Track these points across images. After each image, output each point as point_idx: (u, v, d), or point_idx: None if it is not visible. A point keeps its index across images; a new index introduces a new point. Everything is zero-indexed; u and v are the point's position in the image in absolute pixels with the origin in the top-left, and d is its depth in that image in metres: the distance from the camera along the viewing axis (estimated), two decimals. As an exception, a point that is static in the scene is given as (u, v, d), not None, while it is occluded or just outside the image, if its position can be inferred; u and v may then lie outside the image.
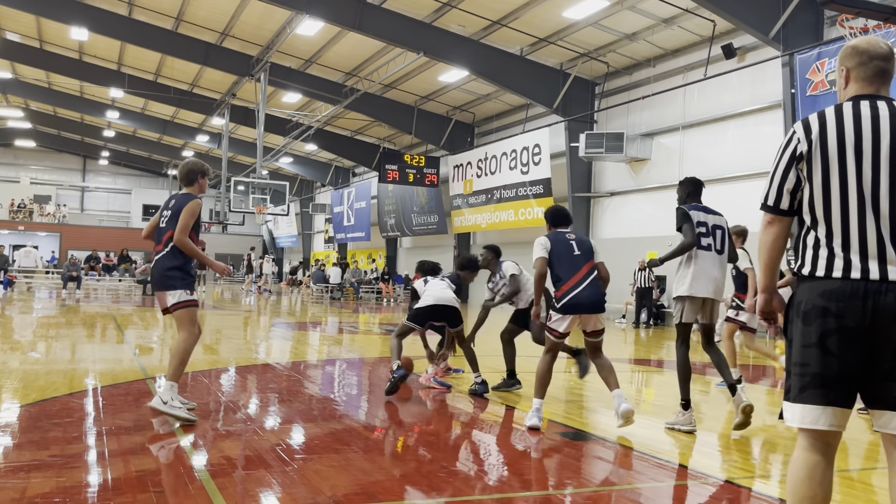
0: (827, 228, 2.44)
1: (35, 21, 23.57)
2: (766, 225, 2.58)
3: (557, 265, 5.42)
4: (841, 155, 2.43)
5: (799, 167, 2.49)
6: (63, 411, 5.39)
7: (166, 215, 5.34)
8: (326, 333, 13.40)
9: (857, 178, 2.41)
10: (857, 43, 2.59)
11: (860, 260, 2.38)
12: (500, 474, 4.23)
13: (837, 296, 2.38)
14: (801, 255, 2.53)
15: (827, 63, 13.35)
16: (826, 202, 2.44)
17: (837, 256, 2.41)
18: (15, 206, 44.16)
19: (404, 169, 24.47)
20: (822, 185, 2.44)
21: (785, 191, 2.52)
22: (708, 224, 5.49)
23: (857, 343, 2.35)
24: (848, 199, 2.40)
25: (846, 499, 3.93)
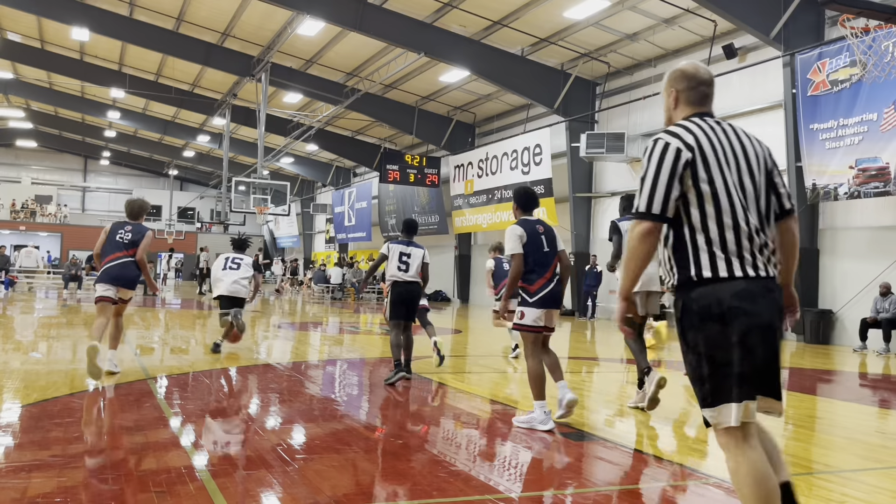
0: (719, 231, 2.58)
1: (36, 21, 23.60)
2: (645, 234, 2.62)
3: (531, 260, 5.49)
4: (718, 163, 2.62)
5: (684, 175, 2.59)
6: (64, 411, 5.40)
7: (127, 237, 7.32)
8: (327, 333, 13.40)
9: (735, 184, 2.62)
10: (684, 67, 2.89)
11: (752, 258, 2.57)
12: (500, 474, 4.23)
13: (747, 295, 2.53)
14: (692, 260, 2.61)
15: (828, 63, 13.34)
16: (716, 206, 2.59)
17: (735, 256, 2.56)
18: (16, 207, 44.20)
19: (405, 169, 24.47)
20: (710, 191, 2.59)
21: (672, 199, 2.59)
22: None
23: (768, 337, 2.56)
24: (733, 202, 2.59)
25: (846, 499, 3.93)
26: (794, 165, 14.18)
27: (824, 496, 3.96)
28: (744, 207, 2.61)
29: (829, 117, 13.30)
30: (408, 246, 7.54)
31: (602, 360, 10.78)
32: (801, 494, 4.01)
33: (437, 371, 8.50)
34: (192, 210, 47.59)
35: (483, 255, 26.43)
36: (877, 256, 13.50)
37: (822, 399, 7.88)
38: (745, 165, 2.67)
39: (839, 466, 4.70)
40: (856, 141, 12.87)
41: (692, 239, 2.60)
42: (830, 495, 3.98)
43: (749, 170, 2.67)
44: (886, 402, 7.78)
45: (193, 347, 10.17)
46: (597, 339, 14.30)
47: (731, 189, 2.60)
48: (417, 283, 7.48)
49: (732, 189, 2.60)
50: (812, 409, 7.04)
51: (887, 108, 12.37)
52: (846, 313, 13.99)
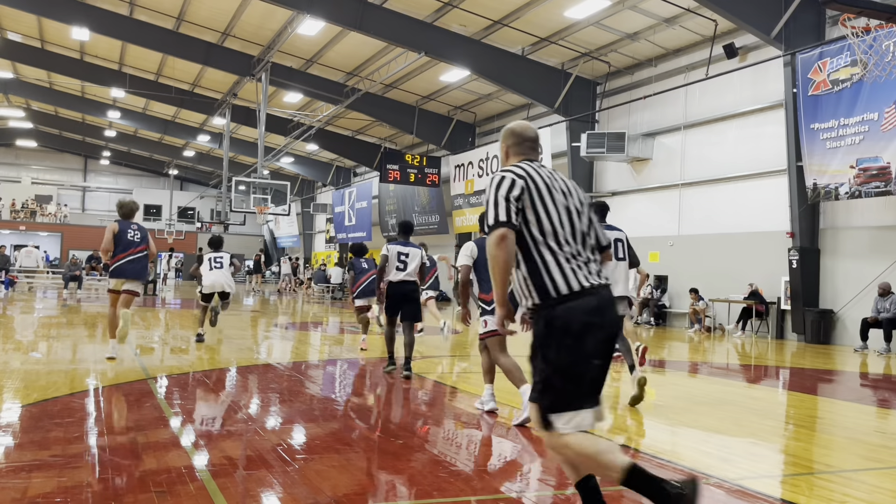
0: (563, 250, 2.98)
1: (36, 21, 23.59)
2: (500, 240, 2.93)
3: (483, 271, 5.91)
4: (549, 191, 3.05)
5: (520, 201, 2.99)
6: (64, 411, 5.39)
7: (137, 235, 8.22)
8: (327, 333, 13.39)
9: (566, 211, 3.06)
10: (513, 127, 3.36)
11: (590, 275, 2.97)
12: (501, 474, 4.23)
13: (595, 309, 2.89)
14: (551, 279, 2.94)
15: (829, 63, 13.33)
16: (552, 226, 3.00)
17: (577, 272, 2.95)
18: (16, 206, 44.21)
19: (405, 169, 24.46)
20: (547, 214, 3.02)
21: (514, 211, 2.96)
22: (610, 239, 6.48)
23: (610, 346, 2.91)
24: (564, 228, 3.01)
25: (847, 499, 3.92)
26: (795, 165, 14.17)
27: (825, 496, 3.96)
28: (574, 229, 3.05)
29: (830, 117, 13.29)
30: (405, 246, 7.83)
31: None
32: (801, 494, 4.01)
33: (438, 371, 8.50)
34: (192, 210, 47.59)
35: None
36: (878, 256, 13.50)
37: (824, 399, 7.88)
38: (570, 197, 3.12)
39: (840, 466, 4.70)
40: (857, 140, 12.86)
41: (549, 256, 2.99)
42: (832, 495, 3.97)
43: (574, 201, 3.12)
44: (887, 402, 7.77)
45: (193, 347, 10.17)
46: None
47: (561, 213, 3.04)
48: (414, 282, 7.70)
49: (564, 214, 3.04)
50: (813, 409, 7.04)
51: (888, 107, 12.36)
52: (847, 313, 13.98)
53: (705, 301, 16.60)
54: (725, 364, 10.82)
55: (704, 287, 16.73)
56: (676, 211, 18.09)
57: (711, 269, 16.82)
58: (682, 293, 17.36)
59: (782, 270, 14.95)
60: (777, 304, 15.27)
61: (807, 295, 14.38)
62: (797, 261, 14.37)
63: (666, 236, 18.39)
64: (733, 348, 13.17)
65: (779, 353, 12.55)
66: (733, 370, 10.19)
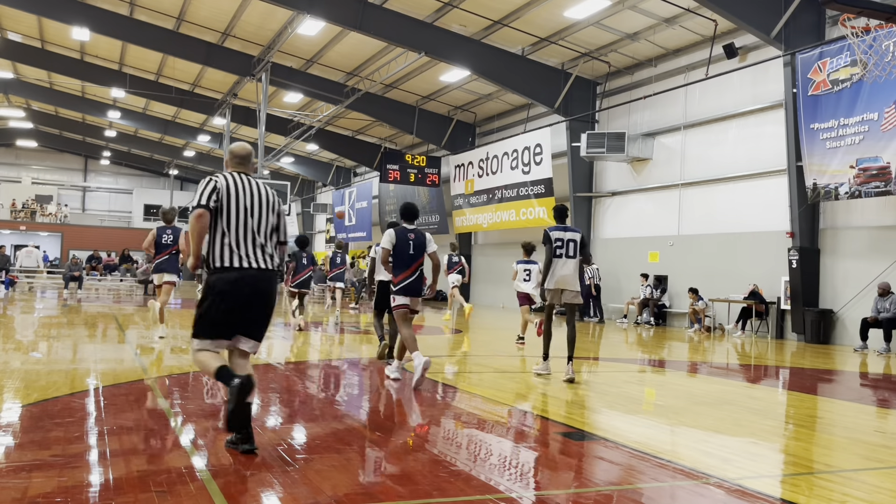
0: (233, 239, 4.37)
1: (37, 21, 23.60)
2: (199, 216, 4.31)
3: (396, 258, 7.30)
4: (236, 197, 4.41)
5: (218, 193, 4.36)
6: (64, 411, 5.40)
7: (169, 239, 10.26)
8: (327, 333, 13.39)
9: (245, 211, 4.41)
10: (231, 147, 4.69)
11: (247, 257, 4.37)
12: (501, 474, 4.23)
13: (233, 280, 4.34)
14: (214, 255, 4.36)
15: (829, 63, 13.34)
16: (229, 221, 4.37)
17: (235, 254, 4.36)
18: (17, 206, 44.20)
19: (405, 169, 24.46)
20: (228, 211, 4.37)
21: (213, 199, 4.34)
22: (563, 239, 7.90)
23: (244, 304, 4.37)
24: (239, 224, 4.38)
25: (847, 498, 3.92)
26: (795, 165, 14.18)
27: (825, 496, 3.96)
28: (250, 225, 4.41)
29: (830, 117, 13.29)
30: None
31: (602, 360, 10.77)
32: (801, 494, 4.01)
33: (438, 371, 8.51)
34: (192, 210, 47.51)
35: (484, 255, 26.45)
36: (878, 256, 13.50)
37: (823, 399, 7.88)
38: (257, 201, 4.48)
39: (840, 466, 4.70)
40: (856, 140, 12.86)
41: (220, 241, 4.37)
42: (831, 495, 3.97)
43: (261, 204, 4.49)
44: (887, 402, 7.77)
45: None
46: (597, 338, 14.29)
47: (241, 212, 4.39)
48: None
49: (243, 212, 4.39)
50: (813, 409, 7.04)
51: (888, 107, 12.37)
52: (847, 313, 13.98)
53: (705, 301, 16.60)
54: (725, 364, 10.82)
55: (704, 287, 16.74)
56: (676, 211, 18.10)
57: (711, 269, 16.83)
58: (682, 293, 17.36)
59: (782, 270, 14.95)
60: (777, 304, 15.28)
61: (807, 295, 14.38)
62: (797, 261, 14.38)
63: (666, 236, 18.39)
64: (733, 348, 13.18)
65: (778, 352, 12.56)
66: (733, 370, 10.19)
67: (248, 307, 4.39)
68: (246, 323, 4.43)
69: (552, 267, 7.88)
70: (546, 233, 7.95)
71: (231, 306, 4.33)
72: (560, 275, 7.84)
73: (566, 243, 7.90)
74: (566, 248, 7.89)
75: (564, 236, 7.94)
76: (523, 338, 11.29)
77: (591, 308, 19.66)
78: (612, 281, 19.88)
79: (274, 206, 4.56)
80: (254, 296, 4.39)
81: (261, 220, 4.45)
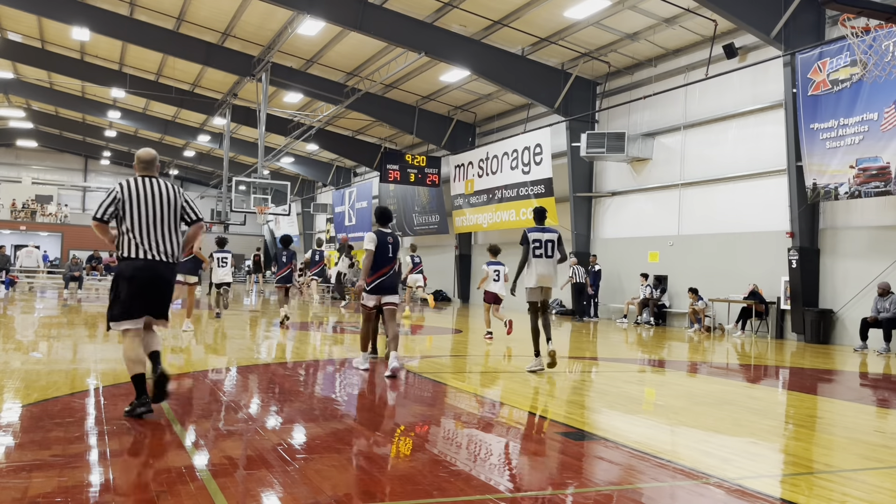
0: (136, 235, 5.20)
1: (37, 21, 23.60)
2: (96, 227, 5.25)
3: (375, 260, 7.76)
4: (137, 200, 5.22)
5: (117, 204, 5.19)
6: (65, 411, 5.40)
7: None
8: (327, 333, 13.40)
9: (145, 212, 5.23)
10: (138, 154, 5.43)
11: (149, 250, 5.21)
12: (501, 474, 4.24)
13: (138, 268, 5.19)
14: (122, 248, 5.22)
15: (828, 63, 13.34)
16: (132, 222, 5.20)
17: (140, 248, 5.19)
18: (17, 206, 44.20)
19: (405, 169, 24.47)
20: (130, 214, 5.20)
21: (109, 212, 5.18)
22: (542, 240, 8.34)
23: (146, 289, 5.24)
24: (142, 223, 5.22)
25: (847, 498, 3.93)
26: (795, 165, 14.18)
27: (825, 496, 3.96)
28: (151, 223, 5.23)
29: (830, 117, 13.30)
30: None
31: (602, 360, 10.77)
32: (801, 494, 4.02)
33: (439, 371, 8.51)
34: (192, 210, 47.52)
35: (484, 255, 26.42)
36: (877, 256, 13.50)
37: (823, 399, 7.88)
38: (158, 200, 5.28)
39: (840, 466, 4.70)
40: (856, 140, 12.87)
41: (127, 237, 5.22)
42: (831, 495, 3.98)
43: (160, 203, 5.28)
44: (887, 402, 7.78)
45: (194, 347, 10.18)
46: (597, 338, 14.30)
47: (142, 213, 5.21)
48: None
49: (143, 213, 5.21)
50: (813, 409, 7.05)
51: (888, 107, 12.37)
52: (847, 313, 13.99)
53: (705, 301, 16.60)
54: (725, 364, 10.82)
55: (704, 287, 16.74)
56: (676, 211, 18.10)
57: (711, 269, 16.83)
58: (682, 293, 17.36)
59: (782, 270, 14.96)
60: (777, 304, 15.28)
61: (806, 295, 14.38)
62: (797, 261, 14.38)
63: (666, 236, 18.40)
64: (733, 348, 13.18)
65: (778, 352, 12.56)
66: (733, 370, 10.19)
67: (150, 289, 5.23)
68: (150, 303, 5.27)
69: (533, 266, 8.29)
70: (524, 234, 8.37)
71: (136, 289, 5.17)
72: (540, 273, 8.32)
73: (544, 244, 8.36)
74: (545, 249, 8.35)
75: (542, 237, 8.38)
76: (491, 332, 12.28)
77: (591, 308, 19.67)
78: (612, 281, 19.88)
79: (175, 200, 5.36)
80: (154, 280, 5.23)
81: (162, 217, 5.27)
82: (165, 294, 5.36)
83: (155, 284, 5.25)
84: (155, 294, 5.28)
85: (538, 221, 8.61)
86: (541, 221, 8.61)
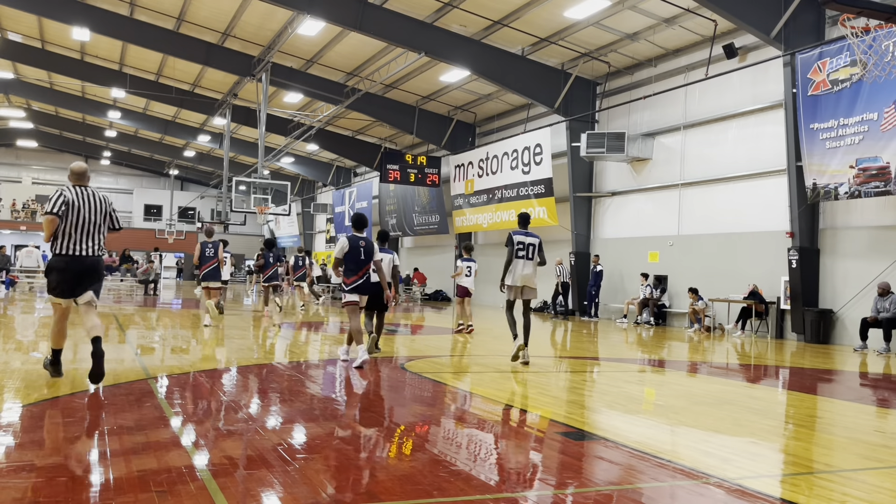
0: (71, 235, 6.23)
1: (37, 21, 23.60)
2: (50, 221, 6.16)
3: (348, 263, 8.41)
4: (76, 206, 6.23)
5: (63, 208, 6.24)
6: (65, 411, 5.40)
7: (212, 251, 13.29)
8: (327, 333, 13.40)
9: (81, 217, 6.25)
10: (71, 167, 6.53)
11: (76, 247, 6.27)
12: (501, 474, 4.24)
13: (65, 261, 6.26)
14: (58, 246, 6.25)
15: (828, 63, 13.34)
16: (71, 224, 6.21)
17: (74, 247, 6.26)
18: (17, 206, 44.20)
19: (406, 169, 24.46)
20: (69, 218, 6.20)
21: (61, 210, 6.16)
22: (525, 243, 9.04)
23: (74, 278, 6.31)
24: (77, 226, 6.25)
25: (847, 498, 3.93)
26: (795, 165, 14.18)
27: (825, 496, 3.96)
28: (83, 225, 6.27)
29: (830, 117, 13.30)
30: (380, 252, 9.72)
31: (602, 360, 10.78)
32: (801, 494, 4.02)
33: (439, 371, 8.52)
34: (192, 210, 47.60)
35: (484, 255, 26.44)
36: (877, 256, 13.50)
37: (823, 398, 7.88)
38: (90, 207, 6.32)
39: (840, 466, 4.70)
40: (856, 140, 12.87)
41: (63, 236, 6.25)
42: (831, 495, 3.98)
43: (93, 210, 6.33)
44: (887, 402, 7.78)
45: (194, 347, 10.18)
46: (597, 338, 14.29)
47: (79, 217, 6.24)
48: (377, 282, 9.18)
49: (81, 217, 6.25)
50: (813, 409, 7.05)
51: (888, 107, 12.37)
52: (846, 313, 13.99)
53: (705, 301, 16.61)
54: (725, 364, 10.83)
55: (704, 287, 16.74)
56: (676, 211, 18.10)
57: (711, 269, 16.83)
58: (682, 293, 17.37)
59: (782, 270, 14.96)
60: (777, 304, 15.28)
61: (806, 295, 14.39)
62: (797, 260, 14.38)
63: (666, 236, 18.40)
64: (733, 348, 13.18)
65: (778, 352, 12.56)
66: (733, 370, 10.19)
67: (79, 279, 6.35)
68: (78, 288, 6.36)
69: (514, 267, 8.96)
70: (510, 236, 9.01)
71: (66, 277, 6.29)
72: (521, 274, 8.97)
73: (527, 247, 9.04)
74: (527, 251, 9.03)
75: (526, 240, 9.06)
76: (467, 324, 13.55)
77: (591, 308, 19.68)
78: (612, 280, 19.89)
79: (105, 208, 6.47)
80: (83, 271, 6.35)
81: (94, 221, 6.35)
82: (95, 278, 6.47)
83: (83, 274, 6.34)
84: (83, 281, 6.37)
85: (522, 226, 9.29)
86: (524, 226, 9.28)
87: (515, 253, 8.94)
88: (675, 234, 18.13)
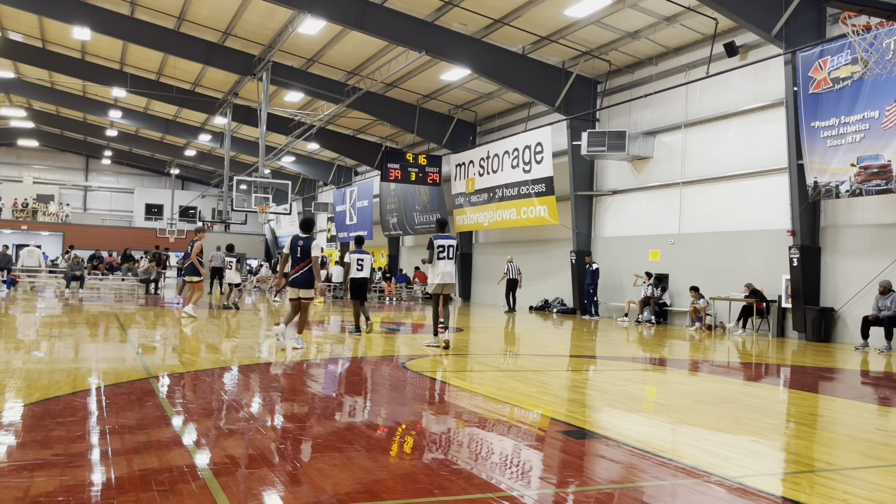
0: None
1: (38, 21, 23.60)
2: None
3: (292, 258, 9.77)
4: None
5: None
6: (66, 410, 5.41)
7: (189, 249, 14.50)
8: (329, 332, 13.40)
9: None
10: None
11: None
12: (502, 472, 4.24)
13: None
14: None
15: (829, 61, 13.32)
16: None
17: None
18: (18, 206, 44.23)
19: (406, 168, 24.46)
20: None
21: None
22: (445, 245, 10.38)
23: None
24: None
25: (848, 496, 3.93)
26: (796, 163, 14.17)
27: (827, 494, 3.96)
28: None
29: (831, 115, 13.29)
30: (361, 254, 12.61)
31: (602, 359, 10.78)
32: (803, 492, 4.02)
33: (438, 369, 8.52)
34: (193, 209, 47.61)
35: (484, 254, 26.46)
36: (878, 254, 13.49)
37: (824, 397, 7.88)
38: None
39: (841, 464, 4.70)
40: (857, 139, 12.85)
41: None
42: (833, 493, 3.98)
43: None
44: (888, 400, 7.77)
45: (194, 347, 10.19)
46: (597, 337, 14.29)
47: None
48: (366, 278, 12.42)
49: None
50: (814, 407, 7.04)
51: (889, 105, 12.36)
52: (848, 311, 13.98)
53: (706, 299, 16.60)
54: (726, 362, 10.82)
55: (705, 285, 16.73)
56: (677, 209, 18.09)
57: (712, 268, 16.82)
58: (683, 291, 17.36)
59: (783, 268, 14.95)
60: (778, 303, 15.27)
61: (808, 293, 14.38)
62: (798, 259, 14.37)
63: (667, 234, 18.39)
64: (734, 346, 13.18)
65: (779, 351, 12.56)
66: (734, 368, 10.19)
67: None
68: None
69: (436, 267, 10.32)
70: (431, 240, 10.40)
71: None
72: (442, 272, 10.34)
73: (446, 248, 10.39)
74: (447, 252, 10.39)
75: (445, 243, 10.41)
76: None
77: (592, 306, 19.67)
78: (612, 280, 19.88)
79: None
80: None
81: None
82: None
83: None
84: None
85: (440, 230, 10.80)
86: (443, 230, 10.80)
87: (437, 255, 10.28)
88: (676, 232, 18.12)
